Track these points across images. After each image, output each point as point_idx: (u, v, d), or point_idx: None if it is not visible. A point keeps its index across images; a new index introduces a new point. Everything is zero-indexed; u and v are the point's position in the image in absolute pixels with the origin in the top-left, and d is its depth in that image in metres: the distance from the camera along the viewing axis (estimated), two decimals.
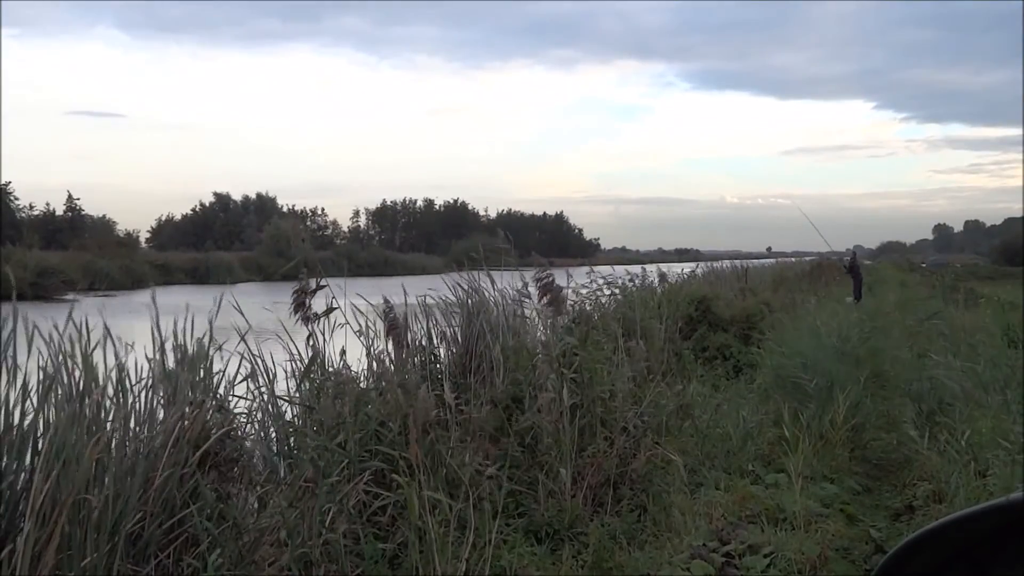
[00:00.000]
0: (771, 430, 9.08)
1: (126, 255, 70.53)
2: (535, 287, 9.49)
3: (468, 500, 6.03)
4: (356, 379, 7.44)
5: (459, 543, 5.80)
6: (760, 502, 7.06)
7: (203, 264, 73.98)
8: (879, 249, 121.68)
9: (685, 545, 6.18)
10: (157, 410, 5.83)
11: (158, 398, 5.91)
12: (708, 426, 9.14)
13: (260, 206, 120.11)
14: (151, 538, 5.19)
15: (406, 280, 9.40)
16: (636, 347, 10.40)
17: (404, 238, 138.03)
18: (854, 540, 6.83)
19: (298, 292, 7.61)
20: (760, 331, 15.87)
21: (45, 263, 59.12)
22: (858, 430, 9.68)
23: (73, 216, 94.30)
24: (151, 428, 5.62)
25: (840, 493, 7.88)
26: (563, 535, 6.73)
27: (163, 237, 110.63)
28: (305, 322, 7.51)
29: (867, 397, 10.78)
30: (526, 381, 7.88)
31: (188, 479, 5.46)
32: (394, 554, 5.92)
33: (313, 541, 5.41)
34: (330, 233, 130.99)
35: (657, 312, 13.72)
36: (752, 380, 12.69)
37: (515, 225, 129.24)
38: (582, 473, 7.45)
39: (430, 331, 8.80)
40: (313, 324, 7.46)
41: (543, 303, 9.42)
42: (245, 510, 5.64)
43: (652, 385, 9.41)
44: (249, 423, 6.75)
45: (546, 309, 9.43)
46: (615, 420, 8.11)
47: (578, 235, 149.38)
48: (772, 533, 6.31)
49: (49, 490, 4.67)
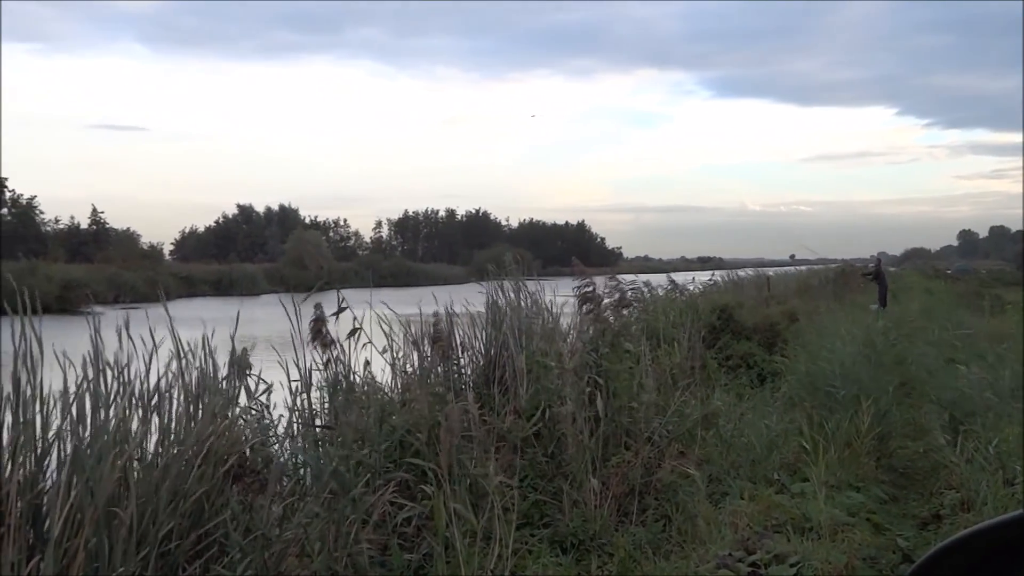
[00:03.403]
0: (796, 439, 9.03)
1: (150, 267, 70.95)
2: (576, 296, 9.50)
3: (493, 511, 6.03)
4: (381, 389, 7.47)
5: (484, 553, 5.81)
6: (786, 511, 7.02)
7: (227, 276, 74.35)
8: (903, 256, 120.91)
9: (711, 555, 6.16)
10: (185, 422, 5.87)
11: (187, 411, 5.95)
12: (733, 435, 9.11)
13: (283, 217, 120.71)
14: (180, 549, 5.23)
15: (427, 291, 9.41)
16: (660, 356, 10.39)
17: (426, 248, 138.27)
18: (881, 549, 6.78)
19: (315, 321, 7.62)
20: (784, 339, 15.79)
21: (70, 276, 59.51)
22: (884, 438, 9.62)
23: (97, 229, 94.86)
24: (180, 441, 5.66)
25: (866, 502, 7.83)
26: (588, 545, 6.72)
27: (187, 249, 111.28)
28: (323, 349, 7.54)
29: (893, 405, 10.71)
30: (551, 391, 7.88)
31: (216, 491, 5.50)
32: (419, 565, 5.93)
33: (339, 552, 5.43)
34: (352, 244, 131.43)
35: (680, 321, 13.68)
36: (777, 388, 12.63)
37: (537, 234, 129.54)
38: (607, 483, 7.44)
39: (454, 341, 8.81)
40: (331, 350, 7.48)
41: (583, 312, 9.43)
42: (271, 521, 5.67)
43: (676, 394, 9.39)
44: (275, 435, 6.78)
45: (585, 318, 9.43)
46: (639, 430, 8.09)
47: (600, 244, 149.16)
48: (798, 542, 6.27)
49: (75, 501, 4.71)
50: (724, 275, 29.39)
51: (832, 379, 10.43)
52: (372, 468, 6.18)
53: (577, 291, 9.56)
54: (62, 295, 55.64)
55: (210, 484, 5.46)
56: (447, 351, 8.44)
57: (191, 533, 5.31)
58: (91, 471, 4.86)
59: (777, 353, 14.96)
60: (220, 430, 5.73)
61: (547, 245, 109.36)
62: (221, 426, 5.77)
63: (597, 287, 9.83)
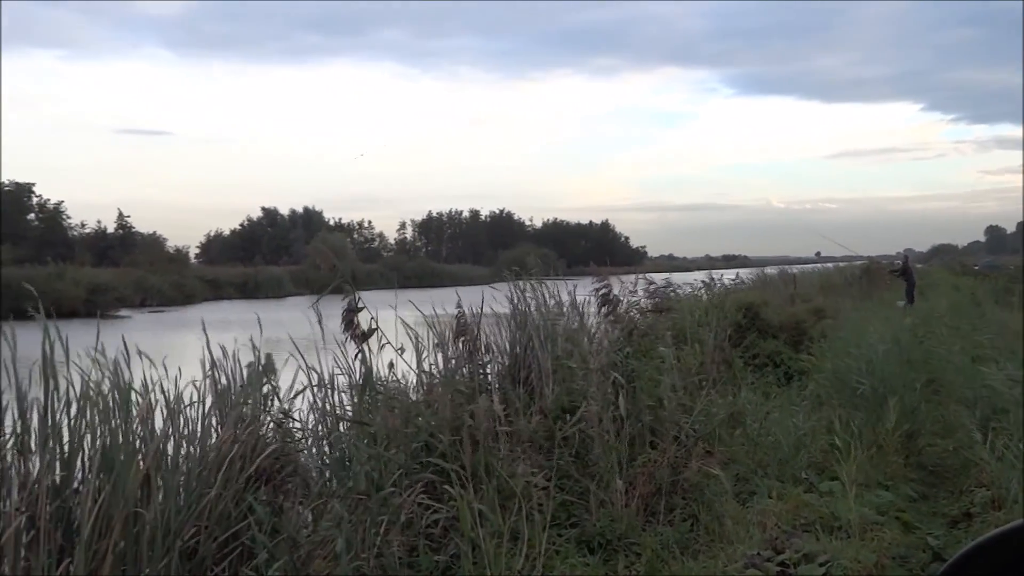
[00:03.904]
0: (824, 437, 8.98)
1: (177, 271, 71.43)
2: (594, 297, 9.49)
3: (521, 511, 6.03)
4: (406, 391, 7.48)
5: (512, 554, 5.81)
6: (814, 510, 6.99)
7: (252, 279, 74.74)
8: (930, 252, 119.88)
9: (739, 554, 6.13)
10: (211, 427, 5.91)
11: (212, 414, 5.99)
12: (759, 434, 9.07)
13: (307, 220, 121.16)
14: (207, 552, 5.25)
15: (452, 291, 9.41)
16: (686, 355, 10.35)
17: (450, 249, 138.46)
18: (911, 548, 6.73)
19: (347, 311, 7.65)
20: (811, 337, 15.71)
21: (97, 280, 60.03)
22: (913, 436, 9.55)
23: (124, 233, 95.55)
24: (204, 445, 5.69)
25: (896, 500, 7.78)
26: (616, 545, 6.70)
27: (212, 252, 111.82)
28: (355, 340, 7.56)
29: (921, 403, 10.63)
30: (576, 391, 7.87)
31: (243, 493, 5.52)
32: (447, 566, 5.93)
33: (367, 554, 5.44)
34: (377, 245, 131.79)
35: (705, 319, 13.63)
36: (803, 387, 12.56)
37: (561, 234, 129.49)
38: (633, 483, 7.42)
39: (479, 342, 8.81)
40: (362, 342, 7.51)
41: (602, 313, 9.42)
42: (299, 523, 5.69)
43: (703, 393, 9.36)
44: (302, 437, 6.80)
45: (604, 319, 9.43)
46: (666, 429, 8.07)
47: (624, 243, 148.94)
48: (827, 541, 6.24)
49: (102, 505, 4.75)
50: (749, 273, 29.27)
51: (860, 377, 10.36)
52: (399, 469, 6.19)
53: (595, 292, 9.55)
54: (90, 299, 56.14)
55: (236, 487, 5.49)
56: (472, 351, 8.44)
57: (219, 535, 5.34)
58: (117, 474, 4.90)
59: (803, 351, 14.89)
60: (246, 434, 5.76)
61: (571, 245, 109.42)
62: (247, 430, 5.80)
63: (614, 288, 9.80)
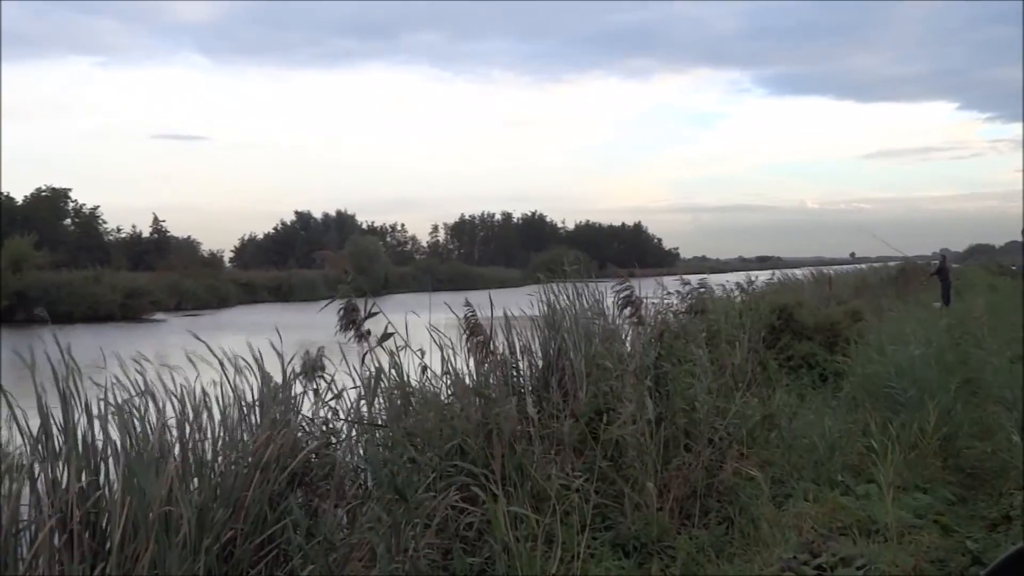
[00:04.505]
0: (860, 439, 8.91)
1: (211, 275, 71.94)
2: (616, 300, 9.47)
3: (555, 514, 6.02)
4: (438, 395, 7.49)
5: (546, 557, 5.80)
6: (851, 513, 6.93)
7: (286, 282, 75.13)
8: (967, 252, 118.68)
9: (775, 558, 6.10)
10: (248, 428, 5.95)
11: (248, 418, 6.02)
12: (795, 436, 9.01)
13: (340, 223, 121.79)
14: (243, 554, 5.28)
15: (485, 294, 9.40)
16: (720, 357, 10.31)
17: (483, 251, 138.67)
18: (950, 552, 6.66)
19: (345, 310, 7.60)
20: (846, 339, 15.60)
21: (133, 284, 60.62)
22: (950, 438, 9.46)
23: (159, 237, 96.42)
24: (239, 448, 5.72)
25: (934, 503, 7.70)
26: (651, 548, 6.68)
27: (246, 256, 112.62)
28: (358, 340, 7.56)
29: (959, 404, 10.52)
30: (610, 393, 7.85)
31: (278, 496, 5.55)
32: (481, 569, 5.93)
33: (401, 557, 5.44)
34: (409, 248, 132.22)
35: (739, 321, 13.56)
36: (839, 389, 12.47)
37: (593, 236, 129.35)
38: (668, 486, 7.40)
39: (512, 344, 8.80)
40: (367, 342, 7.50)
41: (625, 316, 9.40)
42: (334, 526, 5.70)
43: (737, 395, 9.31)
44: (336, 440, 6.83)
45: (628, 321, 9.41)
46: (700, 432, 8.03)
47: (657, 244, 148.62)
48: (864, 545, 6.19)
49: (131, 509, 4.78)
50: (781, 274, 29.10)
51: (896, 379, 10.27)
52: (433, 472, 6.20)
53: (617, 296, 9.52)
54: (126, 303, 56.74)
55: (270, 489, 5.52)
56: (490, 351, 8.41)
57: (254, 538, 5.37)
58: (143, 477, 4.93)
59: (839, 353, 14.78)
60: (280, 437, 5.78)
61: (604, 247, 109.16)
62: (281, 433, 5.82)
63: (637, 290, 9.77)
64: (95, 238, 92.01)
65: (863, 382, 11.24)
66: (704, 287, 15.65)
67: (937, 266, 32.13)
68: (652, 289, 11.68)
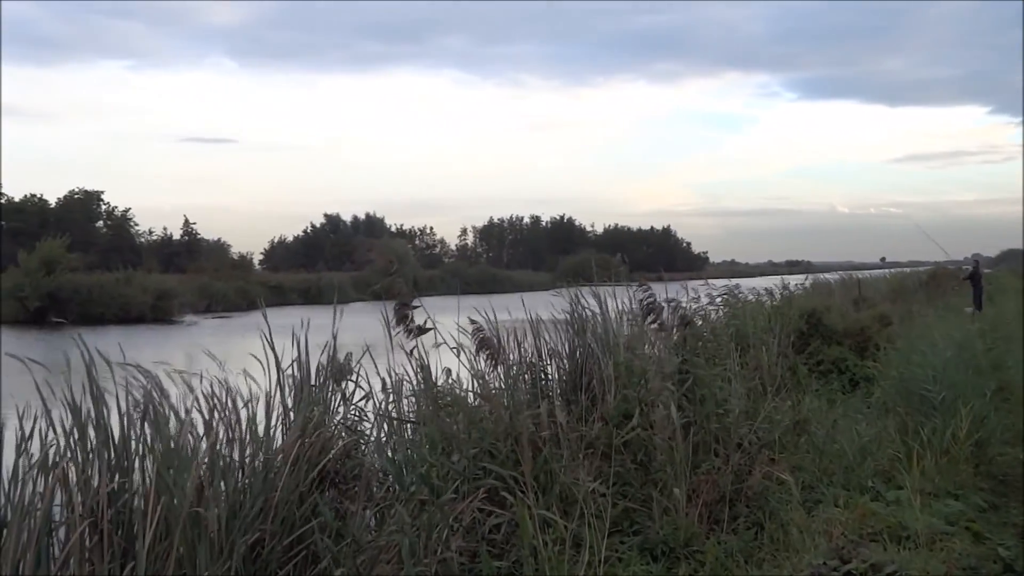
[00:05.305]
0: (891, 445, 8.85)
1: (241, 277, 72.39)
2: (639, 306, 9.46)
3: (583, 518, 6.01)
4: (466, 397, 7.50)
5: (574, 561, 5.80)
6: (881, 519, 6.89)
7: (315, 285, 75.47)
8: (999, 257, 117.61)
9: (804, 564, 6.06)
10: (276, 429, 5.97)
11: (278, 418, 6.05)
12: (824, 442, 8.96)
13: (369, 226, 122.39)
14: (271, 555, 5.30)
15: (513, 297, 9.41)
16: (750, 361, 10.27)
17: (511, 255, 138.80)
18: (982, 559, 6.59)
19: (400, 306, 7.70)
20: (876, 344, 15.50)
21: (164, 286, 61.14)
22: (982, 444, 9.37)
23: (190, 239, 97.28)
24: (268, 448, 5.75)
25: (965, 510, 7.63)
26: (679, 553, 6.66)
27: (276, 258, 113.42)
28: (408, 335, 7.62)
29: (991, 410, 10.43)
30: (638, 398, 7.83)
31: (308, 497, 5.57)
32: (509, 572, 5.93)
33: (430, 559, 5.45)
34: (438, 251, 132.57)
35: (768, 326, 13.51)
36: (869, 394, 12.39)
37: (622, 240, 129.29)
38: (696, 490, 7.37)
39: (540, 348, 8.78)
40: (415, 337, 7.57)
41: (648, 322, 9.39)
42: (363, 527, 5.72)
43: (766, 400, 9.27)
44: (366, 441, 6.85)
45: (651, 326, 9.39)
46: (729, 436, 8.00)
47: (686, 248, 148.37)
48: (895, 551, 6.15)
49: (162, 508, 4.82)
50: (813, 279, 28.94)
51: (927, 384, 10.20)
52: (461, 474, 6.21)
53: (639, 303, 9.50)
54: (156, 304, 57.23)
55: (300, 490, 5.54)
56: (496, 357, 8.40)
57: (283, 539, 5.39)
58: (173, 478, 4.97)
59: (869, 358, 14.69)
60: (311, 437, 5.80)
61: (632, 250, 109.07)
62: (314, 434, 5.85)
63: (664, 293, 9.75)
64: (127, 240, 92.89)
65: (895, 385, 11.15)
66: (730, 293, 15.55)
67: (970, 271, 31.84)
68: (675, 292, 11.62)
